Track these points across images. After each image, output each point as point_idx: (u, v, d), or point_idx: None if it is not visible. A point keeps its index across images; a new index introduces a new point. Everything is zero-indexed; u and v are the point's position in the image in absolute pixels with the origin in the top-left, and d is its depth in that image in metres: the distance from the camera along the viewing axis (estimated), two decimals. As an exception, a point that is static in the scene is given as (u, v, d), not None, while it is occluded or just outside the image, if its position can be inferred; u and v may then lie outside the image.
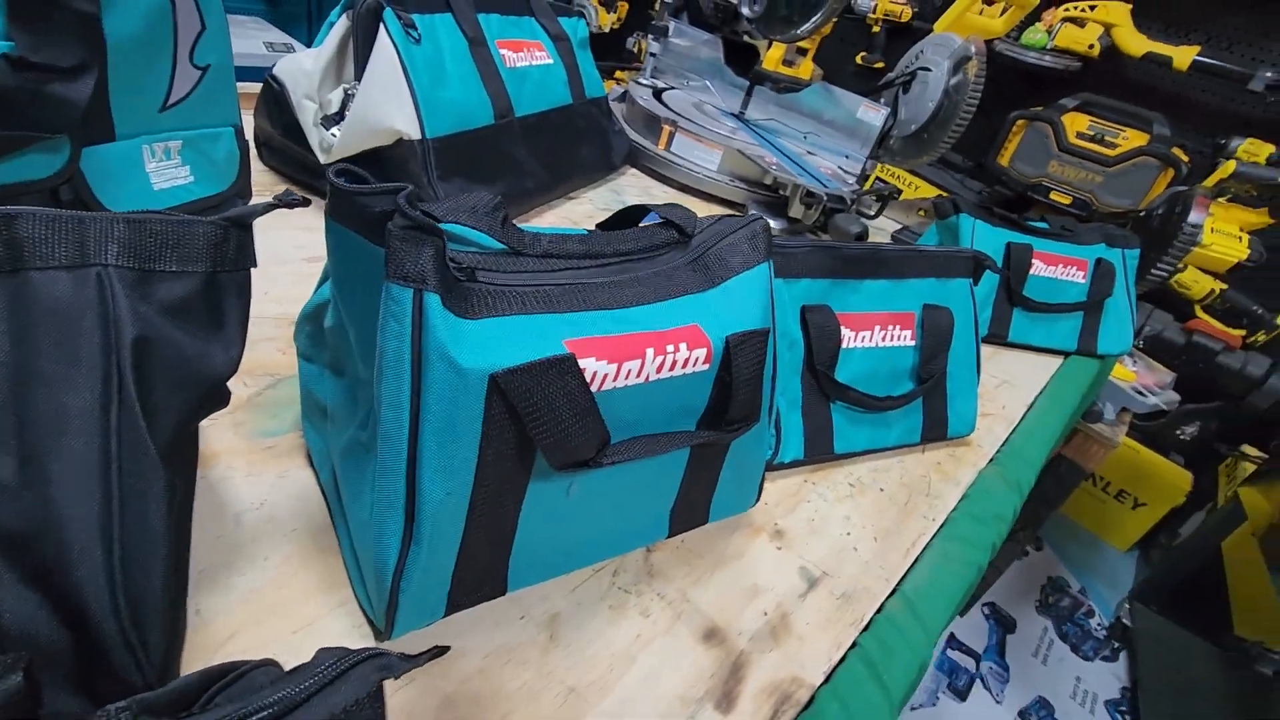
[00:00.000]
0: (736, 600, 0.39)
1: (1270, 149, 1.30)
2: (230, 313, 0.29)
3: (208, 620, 0.30)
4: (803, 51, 1.95)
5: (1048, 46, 1.60)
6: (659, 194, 0.95)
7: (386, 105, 0.58)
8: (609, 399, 0.30)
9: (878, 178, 2.12)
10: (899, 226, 1.13)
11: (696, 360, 0.34)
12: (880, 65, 1.96)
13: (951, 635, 1.36)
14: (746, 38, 1.14)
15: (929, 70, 1.08)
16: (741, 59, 1.15)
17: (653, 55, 1.12)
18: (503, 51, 0.71)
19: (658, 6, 1.31)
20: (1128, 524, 1.73)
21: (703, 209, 0.95)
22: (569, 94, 0.82)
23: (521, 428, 0.28)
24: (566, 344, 0.29)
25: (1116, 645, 1.46)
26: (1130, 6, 1.51)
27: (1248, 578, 1.28)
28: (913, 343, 0.55)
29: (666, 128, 0.98)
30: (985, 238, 0.78)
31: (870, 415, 0.53)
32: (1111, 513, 1.74)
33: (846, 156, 1.05)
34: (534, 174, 0.76)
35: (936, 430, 0.57)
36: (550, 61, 0.79)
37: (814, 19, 1.00)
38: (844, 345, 0.52)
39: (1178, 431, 1.68)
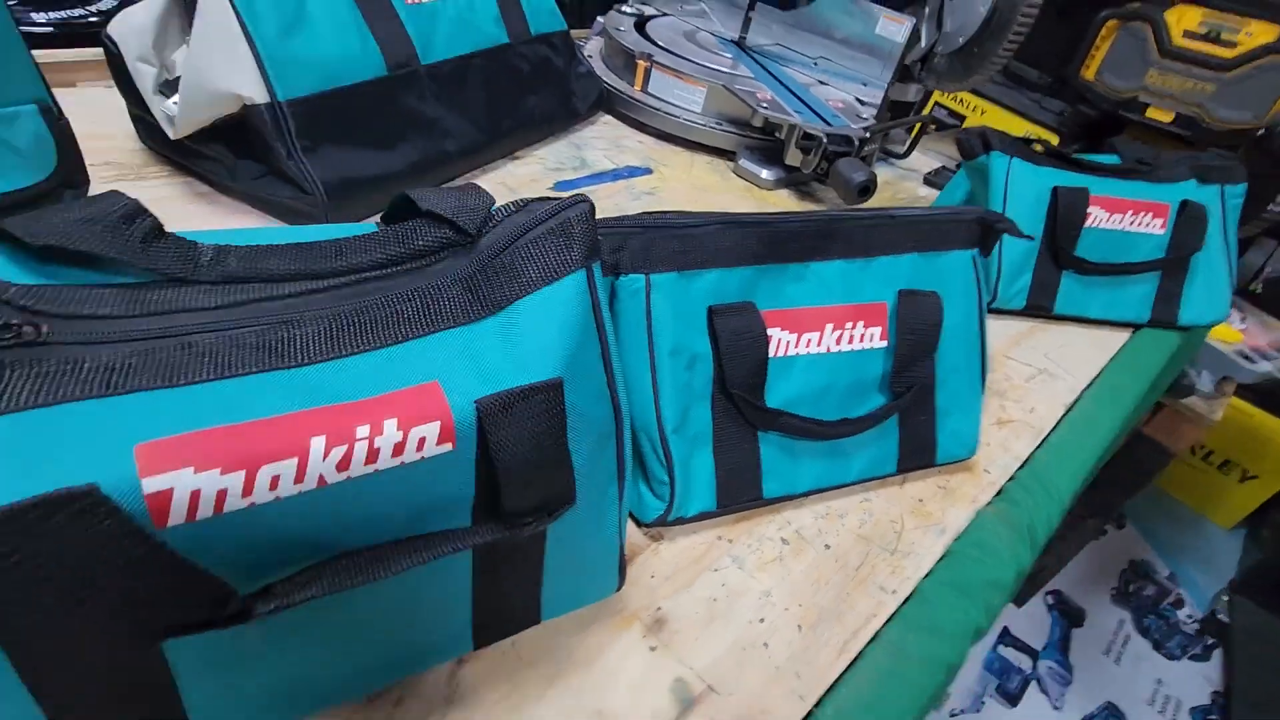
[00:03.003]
0: (566, 739, 0.28)
1: None
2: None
3: None
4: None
5: (1149, -77, 1.30)
6: (631, 145, 0.81)
7: (221, 65, 0.48)
8: (239, 523, 0.19)
9: (938, 103, 1.86)
10: (936, 167, 0.94)
11: (424, 441, 0.22)
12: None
13: (1005, 630, 1.21)
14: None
15: (980, -34, 0.87)
16: (743, -28, 0.97)
17: (635, -24, 0.96)
18: (400, -15, 0.59)
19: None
20: (1234, 499, 1.49)
21: (687, 160, 0.81)
22: (504, 32, 0.68)
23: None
24: (141, 451, 0.18)
25: (1210, 642, 1.26)
26: None
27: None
28: (884, 343, 0.41)
29: (641, 63, 0.83)
30: (1025, 181, 0.61)
31: (819, 444, 0.40)
32: (1214, 485, 1.50)
33: (864, 84, 0.87)
34: (456, 134, 0.63)
35: (920, 457, 0.43)
36: (474, -7, 0.66)
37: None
38: (780, 353, 0.38)
39: (1303, 392, 1.41)
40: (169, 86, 0.51)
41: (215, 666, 0.23)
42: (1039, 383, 0.55)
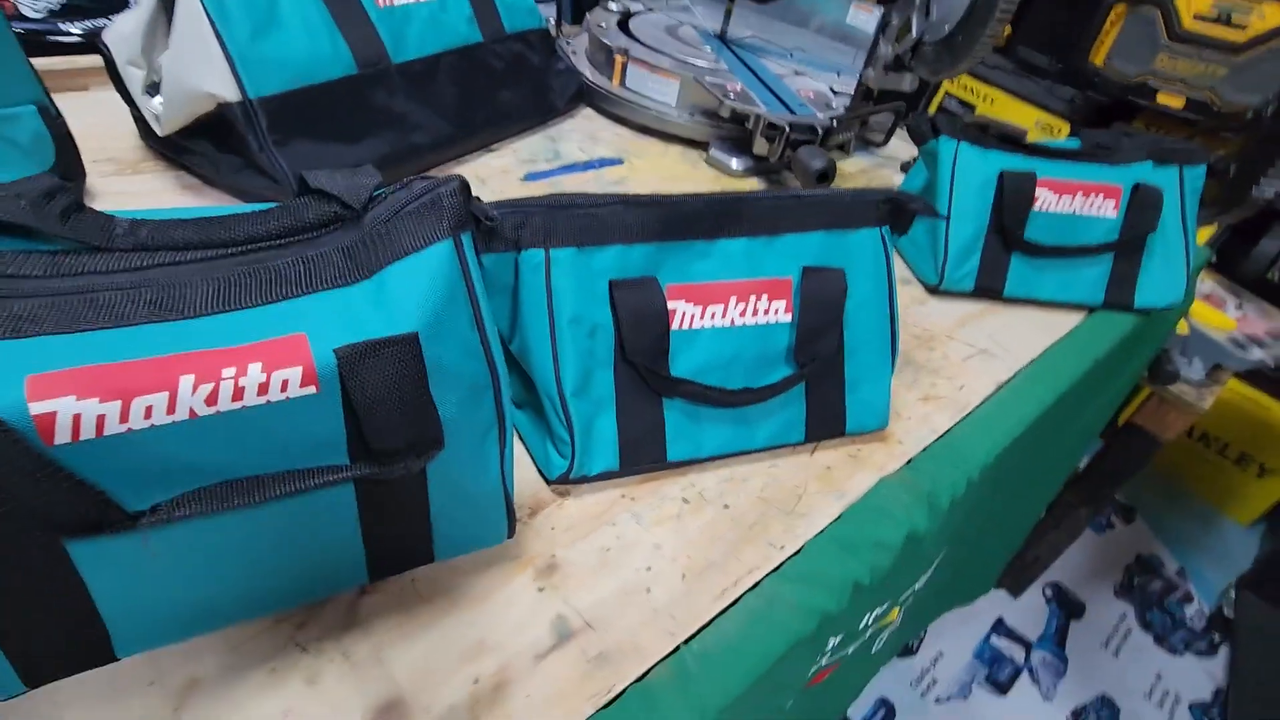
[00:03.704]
0: (447, 662, 0.32)
1: None
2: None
3: None
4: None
5: (1158, -96, 1.27)
6: (608, 137, 0.84)
7: (196, 66, 0.52)
8: (119, 446, 0.23)
9: (949, 93, 1.84)
10: (914, 154, 0.94)
11: (287, 383, 0.25)
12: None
13: (1000, 620, 1.20)
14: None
15: (964, -47, 0.88)
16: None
17: (618, -27, 0.98)
18: (372, -12, 0.63)
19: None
20: (1251, 494, 1.45)
21: (660, 150, 0.83)
22: (477, 31, 0.72)
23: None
24: (31, 381, 0.22)
25: (1216, 638, 1.23)
26: None
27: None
28: (789, 317, 0.43)
29: (618, 58, 0.86)
30: (972, 165, 0.62)
31: (725, 412, 0.43)
32: (1229, 480, 1.46)
33: (839, 73, 0.88)
34: (426, 128, 0.67)
35: (828, 426, 0.45)
36: (448, -6, 0.69)
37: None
38: (685, 326, 0.41)
39: (1323, 384, 1.37)
40: (156, 88, 0.56)
41: (122, 576, 0.27)
42: (976, 362, 0.56)
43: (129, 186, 0.59)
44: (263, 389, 0.25)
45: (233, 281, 0.27)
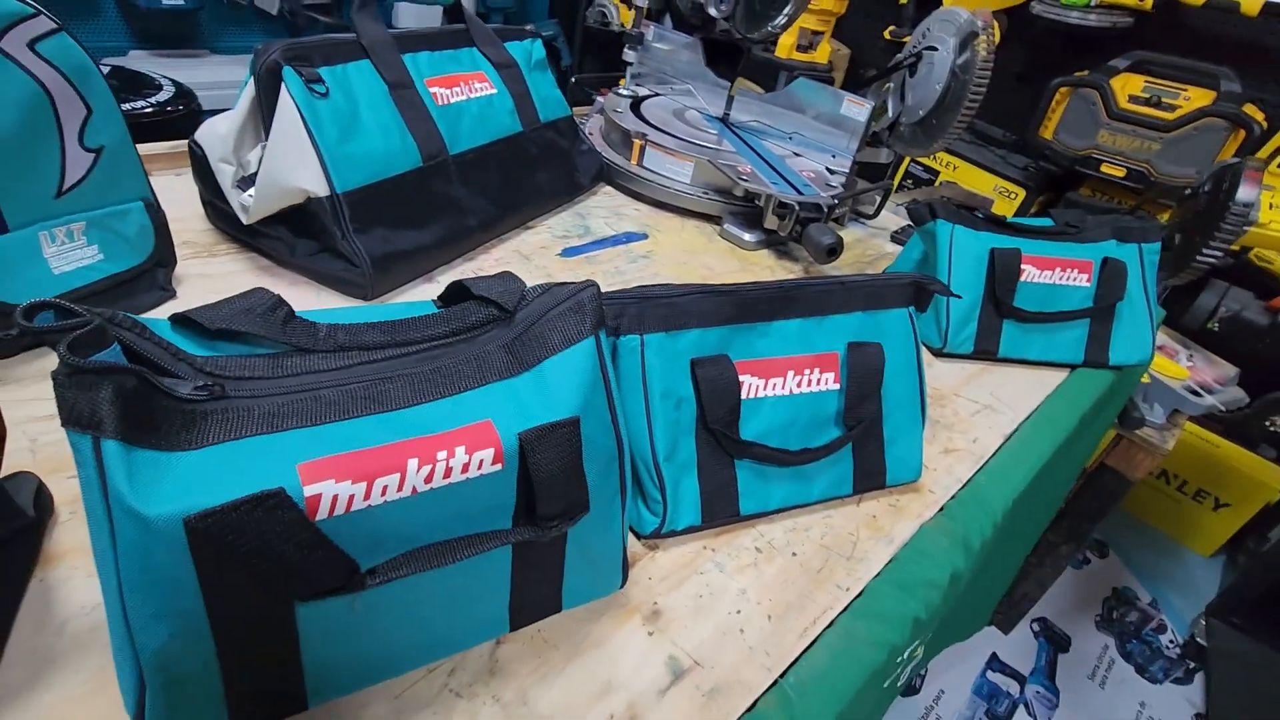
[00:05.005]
0: (583, 700, 0.36)
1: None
2: None
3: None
4: (818, 34, 1.84)
5: (1092, 3, 1.44)
6: (629, 213, 0.91)
7: (291, 165, 0.58)
8: (360, 520, 0.28)
9: (914, 159, 1.99)
10: (902, 225, 1.04)
11: (483, 462, 0.31)
12: (908, 40, 1.84)
13: (993, 656, 1.26)
14: (725, 36, 1.08)
15: (935, 49, 0.99)
16: (725, 59, 1.09)
17: (629, 64, 1.08)
18: (433, 90, 0.70)
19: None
20: (1209, 527, 1.56)
21: (678, 225, 0.91)
22: (518, 122, 0.79)
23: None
24: (301, 468, 0.27)
25: (1191, 666, 1.31)
26: (1182, -50, 1.34)
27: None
28: (837, 386, 0.50)
29: (637, 141, 0.94)
30: (966, 245, 0.71)
31: (786, 470, 0.49)
32: (1189, 514, 1.57)
33: (834, 155, 0.98)
34: (477, 211, 0.74)
35: (872, 480, 0.52)
36: (494, 91, 0.77)
37: (787, 10, 0.93)
38: (751, 395, 0.47)
39: (1266, 422, 1.50)
40: (244, 181, 0.62)
41: (327, 633, 0.31)
42: (982, 416, 0.64)
43: (210, 269, 0.63)
44: (465, 468, 0.30)
45: (423, 378, 0.32)
